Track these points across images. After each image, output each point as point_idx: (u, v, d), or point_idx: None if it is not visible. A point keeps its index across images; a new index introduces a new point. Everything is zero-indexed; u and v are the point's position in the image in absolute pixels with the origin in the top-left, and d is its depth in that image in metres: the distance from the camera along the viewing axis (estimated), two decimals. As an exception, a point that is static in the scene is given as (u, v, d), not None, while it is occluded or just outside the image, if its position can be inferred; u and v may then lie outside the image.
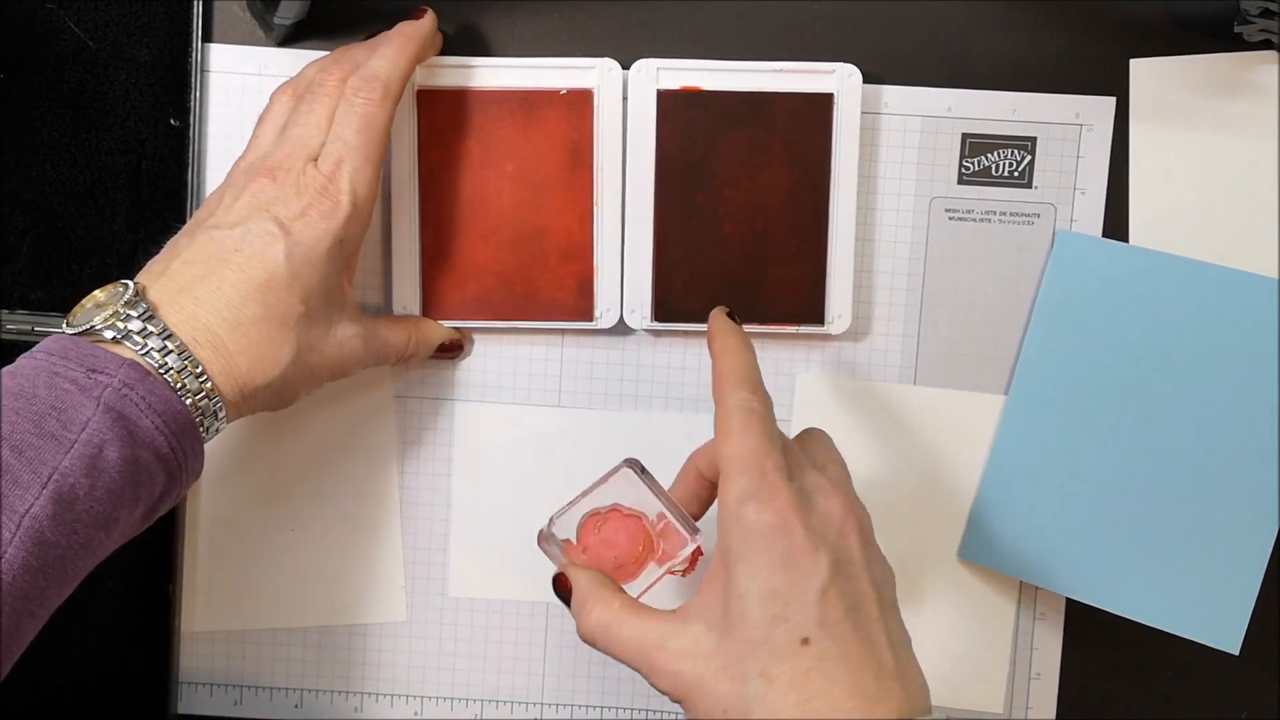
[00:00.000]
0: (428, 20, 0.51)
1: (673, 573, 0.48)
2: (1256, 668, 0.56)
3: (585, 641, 0.45)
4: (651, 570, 0.48)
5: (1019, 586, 0.57)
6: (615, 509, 0.48)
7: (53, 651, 0.47)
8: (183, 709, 0.57)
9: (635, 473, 0.48)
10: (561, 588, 0.46)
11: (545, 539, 0.48)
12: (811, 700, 0.40)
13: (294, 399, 0.48)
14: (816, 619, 0.40)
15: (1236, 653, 0.54)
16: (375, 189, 0.48)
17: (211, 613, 0.57)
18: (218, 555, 0.56)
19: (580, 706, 0.57)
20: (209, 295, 0.44)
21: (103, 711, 0.54)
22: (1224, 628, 0.54)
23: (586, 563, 0.47)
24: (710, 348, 0.47)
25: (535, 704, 0.57)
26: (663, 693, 0.42)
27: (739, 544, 0.42)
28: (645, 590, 0.48)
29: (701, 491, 0.49)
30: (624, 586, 0.46)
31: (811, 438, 0.47)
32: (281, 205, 0.46)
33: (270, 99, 0.51)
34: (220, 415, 0.45)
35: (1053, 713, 0.57)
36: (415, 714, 0.57)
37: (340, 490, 0.56)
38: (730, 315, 0.48)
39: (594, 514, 0.48)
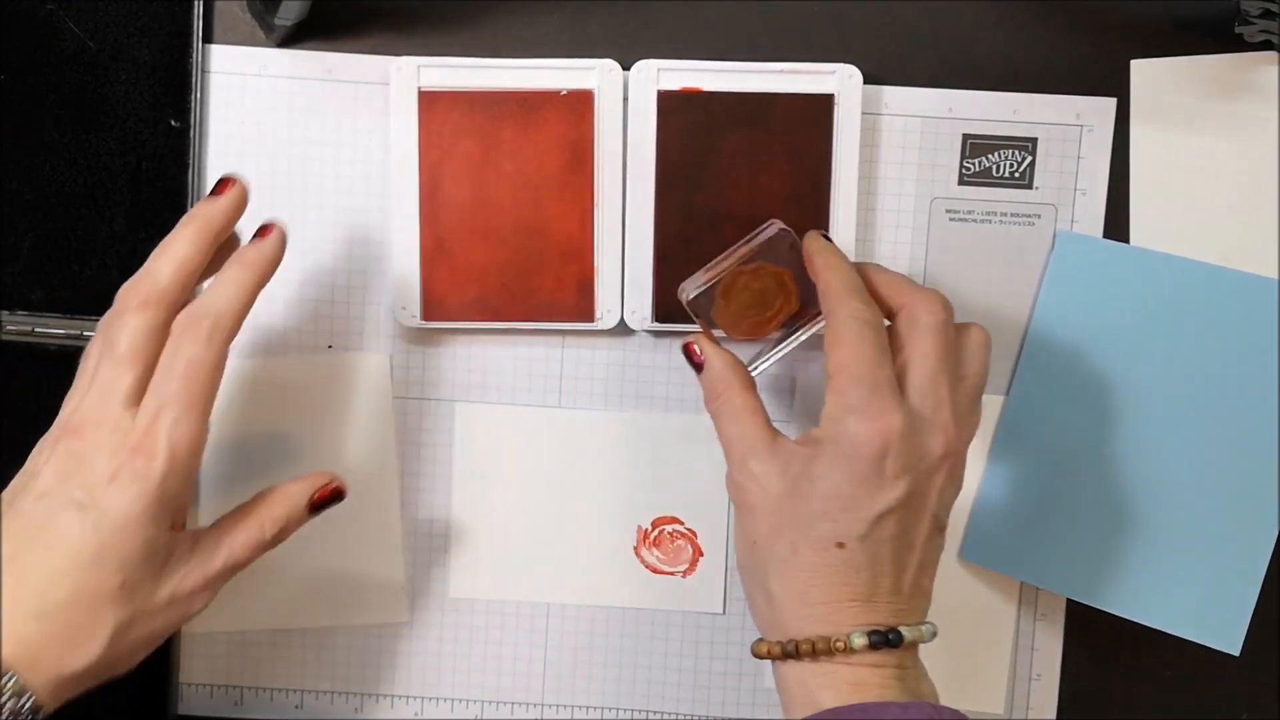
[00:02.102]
0: (271, 243, 0.47)
1: (806, 336, 0.51)
2: (1256, 668, 0.56)
3: (706, 409, 0.49)
4: (790, 326, 0.51)
5: (1019, 587, 0.57)
6: (761, 265, 0.50)
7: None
8: (183, 709, 0.57)
9: (784, 228, 0.51)
10: (689, 354, 0.50)
11: (684, 293, 0.51)
12: (819, 587, 0.44)
13: (131, 665, 0.45)
14: (860, 533, 0.44)
15: (1237, 653, 0.54)
16: (200, 440, 0.44)
17: (212, 614, 0.56)
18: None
19: (580, 707, 0.57)
20: (13, 584, 0.42)
21: (103, 712, 0.54)
22: (1224, 628, 0.54)
23: (724, 316, 0.50)
24: (813, 267, 0.49)
25: (536, 705, 0.57)
26: (727, 490, 0.48)
27: (831, 438, 0.45)
28: (779, 351, 0.51)
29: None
30: (762, 338, 0.51)
31: (971, 336, 0.48)
32: (89, 469, 0.43)
33: (87, 347, 0.47)
34: (37, 711, 0.41)
35: (1053, 713, 0.57)
36: (416, 715, 0.57)
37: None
38: (825, 236, 0.50)
39: (737, 271, 0.50)
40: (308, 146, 0.55)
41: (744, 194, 0.54)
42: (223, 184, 0.47)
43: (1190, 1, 0.54)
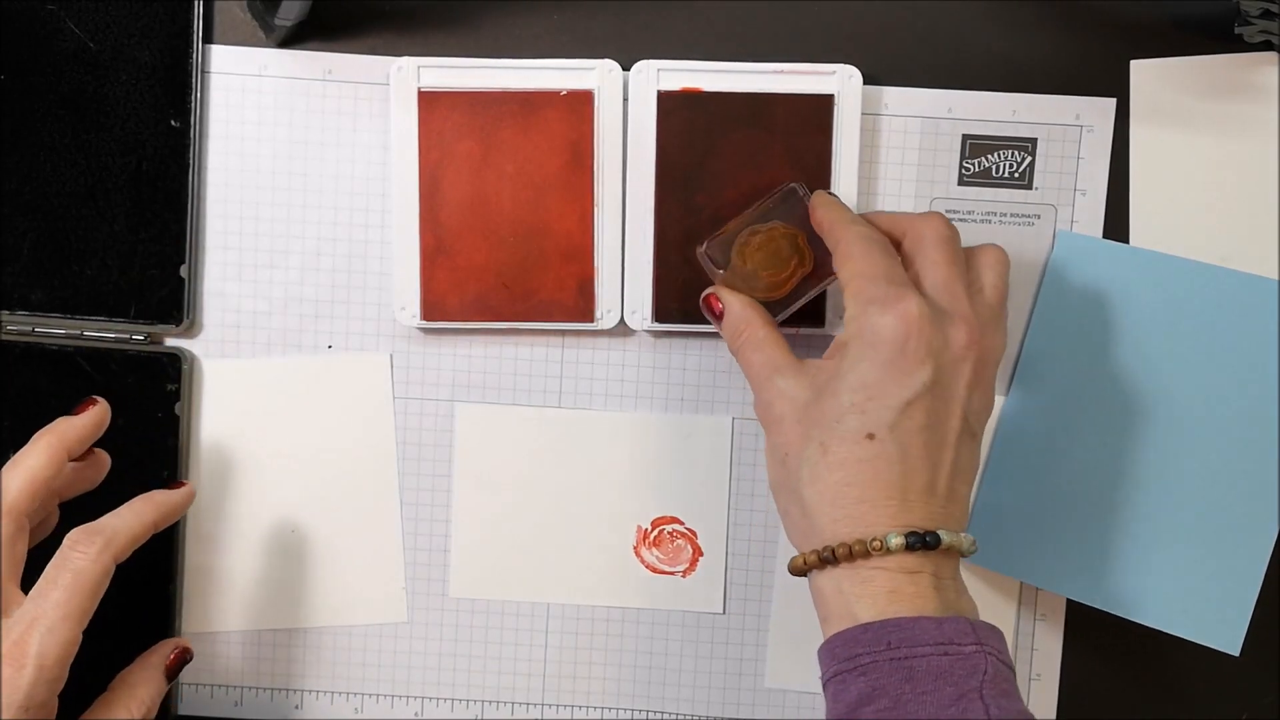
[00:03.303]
0: (181, 495, 0.50)
1: (818, 289, 0.52)
2: (1256, 668, 0.56)
3: (730, 351, 0.50)
4: (804, 286, 0.51)
5: (1019, 587, 0.57)
6: (776, 224, 0.51)
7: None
8: (183, 709, 0.57)
9: (795, 186, 0.51)
10: (709, 307, 0.51)
11: (705, 253, 0.51)
12: (852, 485, 0.44)
13: None
14: (889, 422, 0.44)
15: (1237, 654, 0.54)
16: (71, 649, 0.45)
17: (212, 614, 0.57)
18: (218, 556, 0.56)
19: (580, 707, 0.57)
20: None
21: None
22: (1224, 629, 0.54)
23: (739, 274, 0.51)
24: (815, 216, 0.50)
25: (536, 705, 0.57)
26: (756, 415, 0.49)
27: (855, 334, 0.45)
28: (795, 305, 0.51)
29: None
30: (778, 296, 0.51)
31: (984, 253, 0.49)
32: None
33: None
34: None
35: (1053, 713, 0.57)
36: (416, 715, 0.57)
37: (340, 491, 0.56)
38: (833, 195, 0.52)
39: (752, 231, 0.51)
40: (308, 146, 0.55)
41: (744, 194, 0.54)
42: (85, 404, 0.50)
43: (1190, 1, 0.54)
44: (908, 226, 0.49)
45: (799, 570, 0.46)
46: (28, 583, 0.46)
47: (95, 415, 0.50)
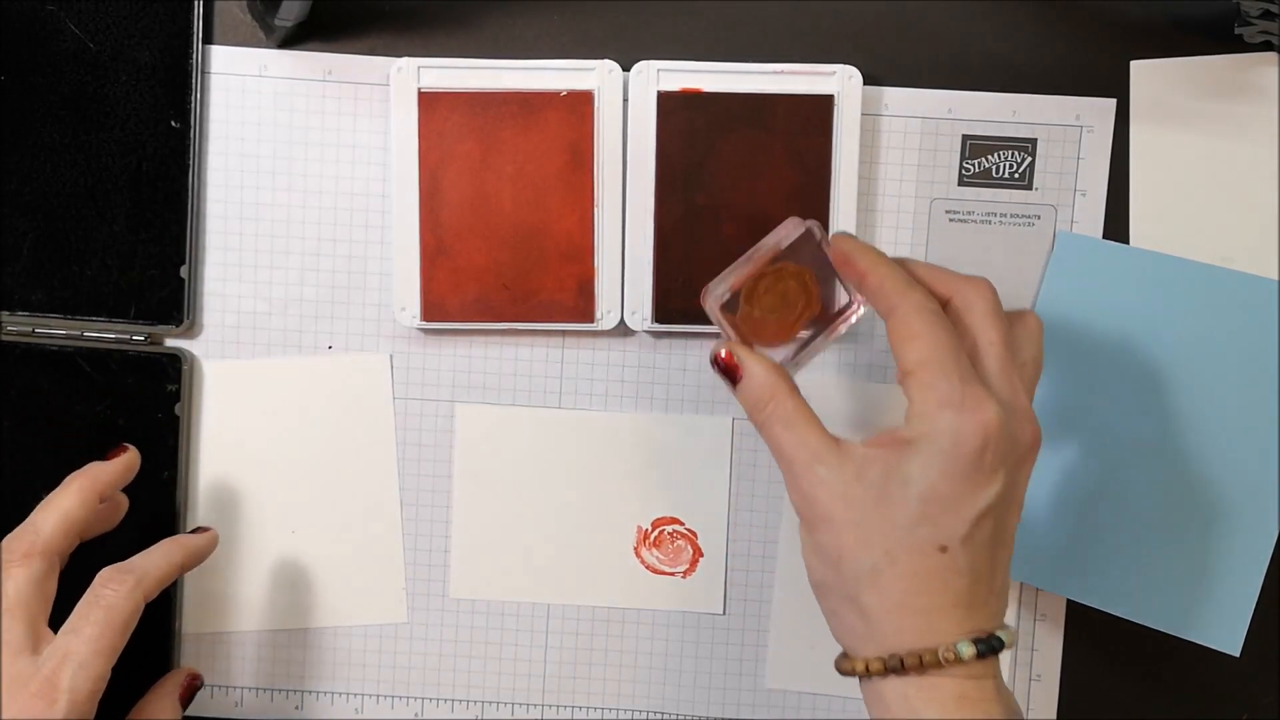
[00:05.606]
0: (207, 539, 0.52)
1: (835, 333, 0.48)
2: (1256, 669, 0.57)
3: (750, 420, 0.45)
4: (811, 328, 0.48)
5: (1019, 588, 0.57)
6: (784, 266, 0.47)
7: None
8: (184, 710, 0.57)
9: (811, 227, 0.47)
10: (727, 366, 0.46)
11: (710, 299, 0.47)
12: (920, 594, 0.42)
13: None
14: (963, 535, 0.42)
15: (1237, 654, 0.54)
16: (101, 684, 0.45)
17: (212, 614, 0.57)
18: (218, 557, 0.56)
19: (581, 708, 0.57)
20: None
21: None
22: (1224, 629, 0.54)
23: (748, 322, 0.47)
24: (855, 268, 0.45)
25: (536, 705, 0.57)
26: (792, 503, 0.44)
27: (925, 436, 0.42)
28: (811, 352, 0.48)
29: None
30: (784, 345, 0.47)
31: (1025, 323, 0.46)
32: None
33: None
34: None
35: (1053, 713, 0.57)
36: (416, 715, 0.57)
37: (340, 491, 0.56)
38: (852, 236, 0.47)
39: (759, 275, 0.47)
40: (308, 147, 0.55)
41: (744, 194, 0.54)
42: (118, 450, 0.51)
43: (1190, 1, 0.54)
44: (956, 289, 0.45)
45: (857, 674, 0.43)
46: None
47: (126, 461, 0.51)
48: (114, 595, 0.46)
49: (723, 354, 0.46)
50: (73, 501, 0.49)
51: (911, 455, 0.42)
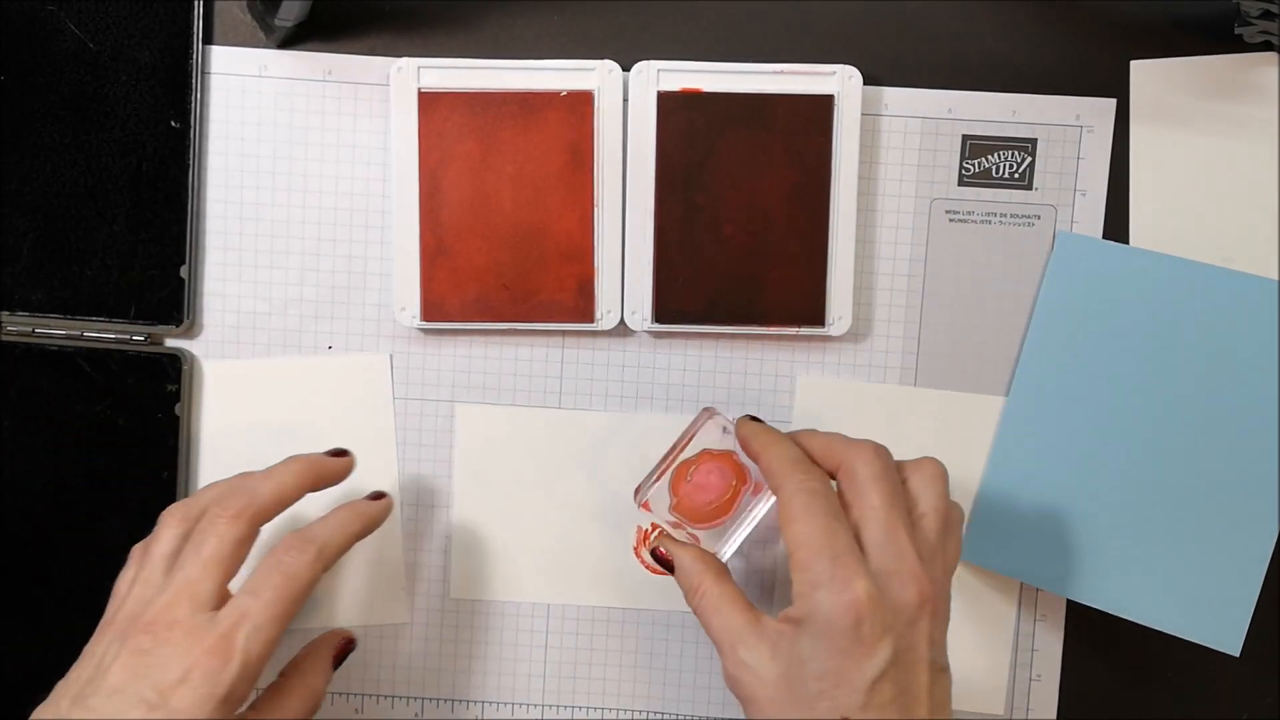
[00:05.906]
0: (382, 506, 0.51)
1: (763, 513, 0.51)
2: (1256, 669, 0.57)
3: (689, 606, 0.49)
4: (747, 500, 0.51)
5: (1019, 588, 0.57)
6: (705, 453, 0.51)
7: (56, 653, 0.47)
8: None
9: (715, 417, 0.51)
10: (662, 559, 0.50)
11: (641, 495, 0.51)
12: None
13: None
14: (860, 703, 0.43)
15: (1237, 654, 0.54)
16: (272, 648, 0.45)
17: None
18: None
19: (581, 708, 0.57)
20: None
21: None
22: (1224, 629, 0.54)
23: (682, 509, 0.51)
24: (750, 450, 0.49)
25: (536, 705, 0.57)
26: (726, 684, 0.46)
27: (807, 617, 0.44)
28: (739, 533, 0.50)
29: None
30: (724, 520, 0.51)
31: (921, 472, 0.47)
32: (160, 669, 0.43)
33: (159, 522, 0.48)
34: None
35: (1053, 714, 0.57)
36: (416, 715, 0.57)
37: (340, 491, 0.56)
38: (754, 419, 0.51)
39: (684, 463, 0.51)
40: (308, 147, 0.55)
41: (744, 194, 0.54)
42: (342, 452, 0.52)
43: (1190, 1, 0.54)
44: (841, 459, 0.47)
45: None
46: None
47: (347, 464, 0.51)
48: (294, 563, 0.46)
49: (661, 549, 0.50)
50: (293, 479, 0.49)
51: (802, 635, 0.44)
